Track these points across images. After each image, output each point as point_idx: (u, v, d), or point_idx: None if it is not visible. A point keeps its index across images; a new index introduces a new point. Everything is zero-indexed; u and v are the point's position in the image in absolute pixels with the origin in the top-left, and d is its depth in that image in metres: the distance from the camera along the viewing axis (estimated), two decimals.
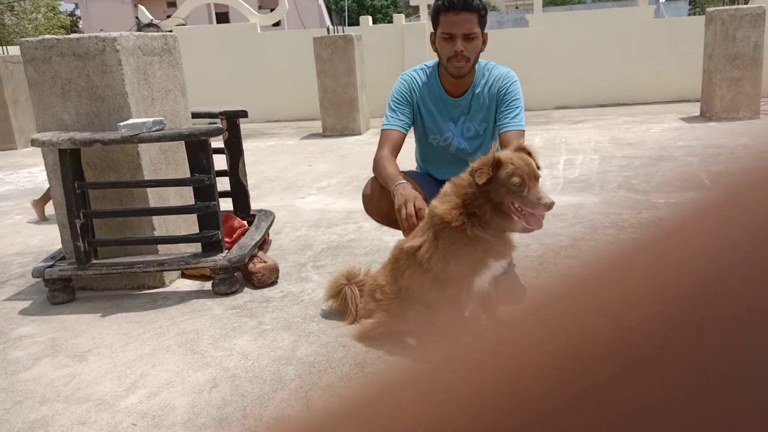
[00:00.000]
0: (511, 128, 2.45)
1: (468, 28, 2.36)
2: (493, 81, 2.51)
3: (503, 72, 2.53)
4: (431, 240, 1.97)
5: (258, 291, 2.71)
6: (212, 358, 2.15)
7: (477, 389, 0.17)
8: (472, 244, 1.93)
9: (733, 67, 6.39)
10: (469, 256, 1.94)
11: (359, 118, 7.28)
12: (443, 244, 1.95)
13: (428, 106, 2.53)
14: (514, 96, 2.49)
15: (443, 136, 2.55)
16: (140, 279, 2.83)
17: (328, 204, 4.18)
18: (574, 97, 8.44)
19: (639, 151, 5.23)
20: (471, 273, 1.97)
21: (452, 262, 1.94)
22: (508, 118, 2.46)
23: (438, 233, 1.96)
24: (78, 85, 2.70)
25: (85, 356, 2.23)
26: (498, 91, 2.49)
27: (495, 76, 2.52)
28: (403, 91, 2.53)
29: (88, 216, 2.67)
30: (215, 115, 3.32)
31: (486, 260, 1.96)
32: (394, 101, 2.54)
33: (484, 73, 2.53)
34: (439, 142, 2.56)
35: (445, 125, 2.55)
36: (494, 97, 2.49)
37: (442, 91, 2.53)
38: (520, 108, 2.50)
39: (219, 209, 2.74)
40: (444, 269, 1.96)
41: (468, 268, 1.96)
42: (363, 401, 0.19)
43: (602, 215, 3.47)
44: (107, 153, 2.74)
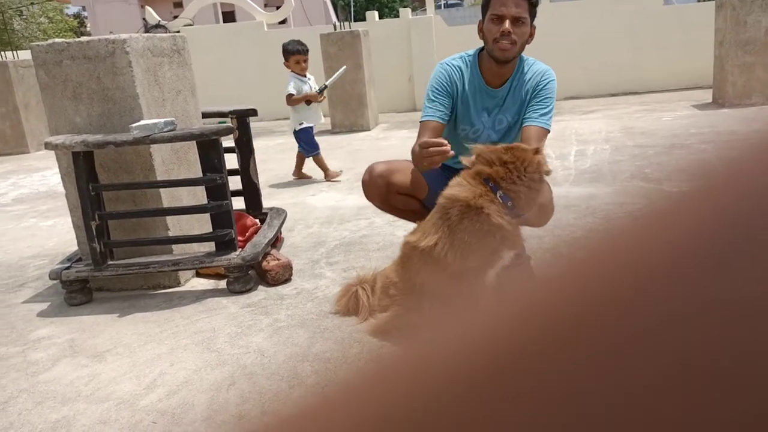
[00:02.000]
0: (534, 124, 2.42)
1: (518, 11, 2.33)
2: (531, 75, 2.47)
3: (543, 68, 2.50)
4: (447, 235, 1.96)
5: (272, 288, 2.72)
6: (229, 355, 2.17)
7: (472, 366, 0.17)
8: (491, 235, 1.93)
9: (744, 52, 6.32)
10: (486, 247, 1.94)
11: (368, 114, 7.28)
12: (460, 238, 1.94)
13: (465, 95, 2.49)
14: (547, 94, 2.46)
15: (474, 128, 2.52)
16: (156, 279, 2.85)
17: (339, 200, 4.18)
18: (584, 87, 8.39)
19: (651, 139, 5.19)
20: (486, 265, 1.97)
21: (471, 256, 1.94)
22: (536, 114, 2.44)
23: (454, 227, 1.95)
24: (89, 87, 2.71)
25: (104, 356, 2.26)
26: (535, 86, 2.46)
27: (534, 71, 2.48)
28: (443, 80, 2.48)
29: (103, 217, 2.69)
30: (225, 114, 3.33)
31: (500, 251, 1.96)
32: (433, 91, 2.49)
33: (524, 67, 2.50)
34: (468, 134, 2.52)
35: (477, 117, 2.52)
36: (530, 92, 2.46)
37: (481, 81, 2.49)
38: (551, 108, 2.47)
39: (231, 208, 2.75)
40: (462, 264, 1.95)
41: (484, 260, 1.96)
42: (360, 381, 0.19)
43: (615, 205, 3.45)
44: (120, 155, 2.76)
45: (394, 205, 2.58)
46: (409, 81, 8.81)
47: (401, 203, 2.57)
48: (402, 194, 2.55)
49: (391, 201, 2.56)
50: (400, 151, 4.81)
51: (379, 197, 2.55)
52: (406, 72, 8.81)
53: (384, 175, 2.51)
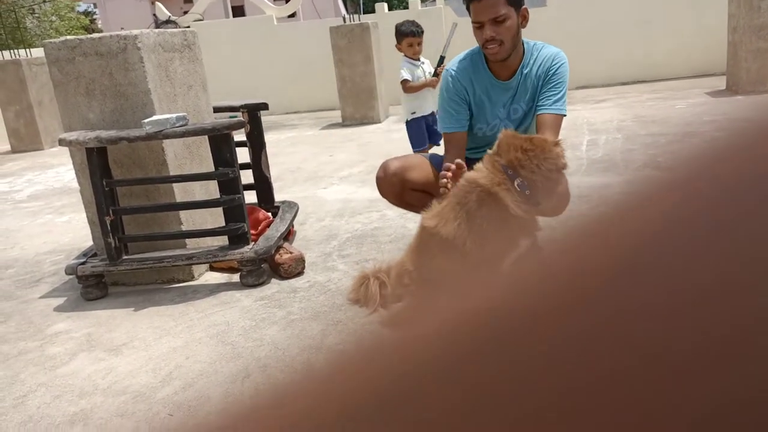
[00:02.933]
0: (549, 112, 2.40)
1: (493, 12, 2.31)
2: (542, 61, 2.45)
3: (553, 52, 2.48)
4: (465, 222, 1.95)
5: (285, 281, 2.74)
6: (243, 348, 2.18)
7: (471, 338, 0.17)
8: (505, 224, 1.93)
9: (758, 38, 6.22)
10: (503, 235, 1.93)
11: (378, 107, 7.27)
12: (479, 225, 1.94)
13: (478, 97, 2.48)
14: (559, 78, 2.44)
15: (490, 125, 2.51)
16: (170, 273, 2.87)
17: (351, 193, 4.19)
18: (595, 76, 8.32)
19: (664, 128, 5.14)
20: (503, 254, 1.97)
21: (488, 243, 1.94)
22: (550, 101, 2.42)
23: (472, 213, 1.94)
24: (102, 83, 2.73)
25: (121, 350, 2.28)
26: (546, 71, 2.44)
27: (544, 56, 2.46)
28: (452, 89, 2.48)
29: (117, 213, 2.72)
30: (236, 108, 3.34)
31: (517, 239, 1.96)
32: (445, 101, 2.49)
33: (533, 53, 2.48)
34: (485, 132, 2.51)
35: (493, 113, 2.51)
36: (541, 77, 2.44)
37: (491, 77, 2.47)
38: (564, 92, 2.45)
39: (244, 202, 2.77)
40: (480, 252, 1.94)
41: (501, 249, 1.96)
42: (357, 356, 0.19)
43: None
44: (133, 150, 2.78)
45: (409, 202, 2.57)
46: None
47: (416, 200, 2.56)
48: (417, 191, 2.54)
49: (406, 198, 2.55)
50: None
51: (393, 195, 2.55)
52: None
53: (398, 173, 2.51)
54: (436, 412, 0.15)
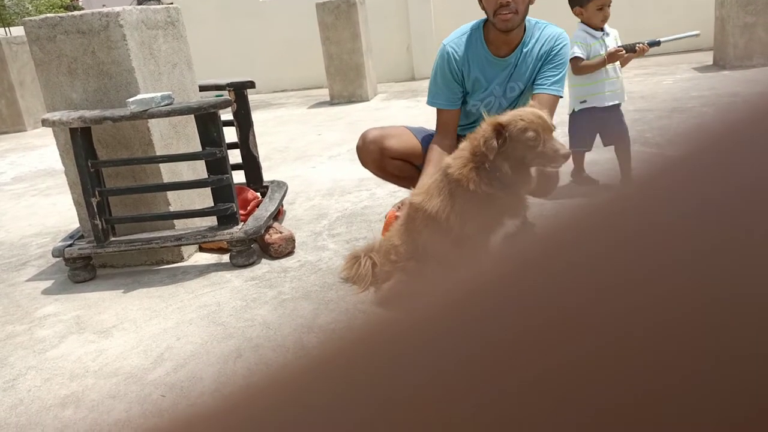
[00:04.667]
0: (546, 92, 2.37)
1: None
2: (544, 41, 2.42)
3: (556, 32, 2.44)
4: (447, 199, 1.96)
5: (275, 261, 2.73)
6: (235, 329, 2.18)
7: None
8: (487, 203, 1.93)
9: (745, 13, 6.22)
10: (483, 215, 1.94)
11: (366, 84, 7.21)
12: (459, 203, 1.94)
13: (473, 72, 2.45)
14: (560, 59, 2.41)
15: (485, 101, 2.49)
16: (159, 254, 2.85)
17: (340, 172, 4.17)
18: None
19: (652, 103, 5.14)
20: (486, 231, 1.97)
21: (469, 222, 1.94)
22: (548, 81, 2.39)
23: (453, 192, 1.95)
24: (84, 62, 2.68)
25: (111, 332, 2.27)
26: (548, 51, 2.40)
27: (546, 35, 2.43)
28: (445, 68, 2.45)
29: (103, 194, 2.68)
30: (222, 87, 3.30)
31: (500, 218, 1.96)
32: (438, 76, 2.48)
33: (534, 32, 2.44)
34: (479, 108, 2.50)
35: (489, 90, 2.49)
36: (543, 57, 2.41)
37: (488, 54, 2.44)
38: (563, 73, 2.42)
39: (232, 182, 2.74)
40: (462, 229, 1.95)
41: (484, 227, 1.96)
42: (354, 342, 0.19)
43: (617, 171, 3.43)
44: (118, 130, 2.74)
45: (389, 170, 2.58)
46: (407, 50, 8.71)
47: (396, 169, 2.56)
48: (396, 159, 2.55)
49: (387, 167, 2.56)
50: (400, 121, 4.77)
51: (373, 163, 2.55)
52: (405, 41, 8.70)
53: (377, 141, 2.52)
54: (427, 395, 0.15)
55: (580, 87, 3.10)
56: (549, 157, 1.88)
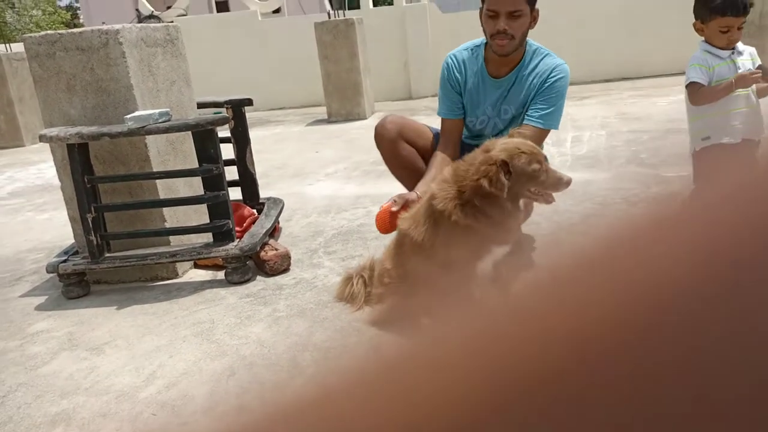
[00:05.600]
0: (531, 123, 2.36)
1: (513, 5, 2.28)
2: (541, 70, 2.42)
3: (553, 64, 2.43)
4: (432, 228, 1.96)
5: (271, 278, 2.72)
6: (228, 346, 2.17)
7: (477, 365, 0.17)
8: (472, 233, 1.92)
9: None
10: (468, 243, 1.93)
11: (364, 103, 7.25)
12: (444, 232, 1.94)
13: (469, 88, 2.49)
14: (553, 92, 2.39)
15: (479, 119, 2.51)
16: (154, 271, 2.84)
17: (337, 189, 4.17)
18: (578, 73, 8.34)
19: (646, 125, 5.18)
20: (473, 258, 1.97)
21: (454, 249, 1.94)
22: (537, 114, 2.38)
23: (438, 221, 1.95)
24: (83, 79, 2.69)
25: (103, 349, 2.26)
26: (542, 82, 2.40)
27: (545, 65, 2.43)
28: (446, 76, 2.51)
29: (99, 210, 2.68)
30: (220, 104, 3.31)
31: (487, 247, 1.96)
32: (441, 87, 2.54)
33: (534, 58, 2.44)
34: (476, 124, 2.52)
35: (482, 108, 2.51)
36: (536, 87, 2.41)
37: (484, 73, 2.46)
38: (556, 107, 2.39)
39: (228, 198, 2.74)
40: (447, 255, 1.95)
41: (469, 254, 1.96)
42: (366, 376, 0.19)
43: (612, 191, 3.45)
44: (115, 146, 2.75)
45: (402, 155, 2.56)
46: (405, 69, 8.78)
47: (408, 156, 2.56)
48: (411, 145, 2.57)
49: (400, 150, 2.56)
50: None
51: (389, 143, 2.54)
52: (402, 61, 8.77)
53: (397, 122, 2.57)
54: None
55: (701, 119, 2.46)
56: (553, 185, 1.88)
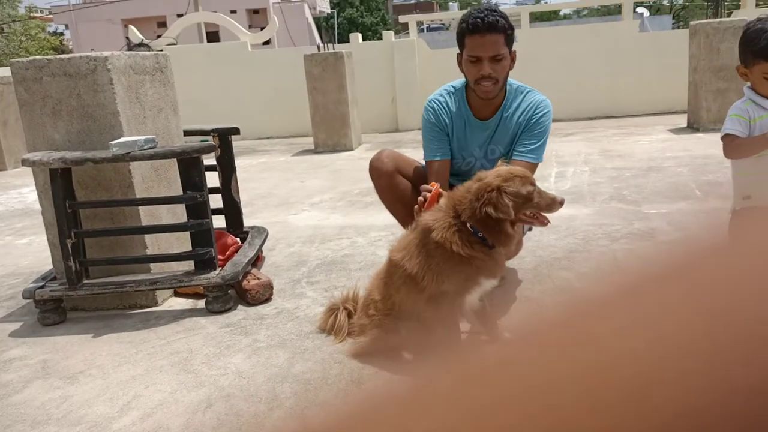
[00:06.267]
0: (522, 159, 2.40)
1: (494, 49, 2.31)
2: (525, 107, 2.46)
3: (537, 100, 2.47)
4: (425, 259, 1.96)
5: (252, 308, 2.69)
6: (206, 377, 2.13)
7: (473, 410, 0.16)
8: (464, 264, 1.93)
9: (718, 78, 6.47)
10: (461, 274, 1.93)
11: (351, 134, 7.30)
12: (436, 264, 1.94)
13: (456, 130, 2.51)
14: (540, 126, 2.44)
15: (466, 160, 2.53)
16: (132, 298, 2.80)
17: (322, 220, 4.17)
18: (563, 110, 8.51)
19: (629, 162, 5.27)
20: (463, 291, 1.96)
21: (446, 281, 1.94)
22: (526, 149, 2.42)
23: (431, 252, 1.95)
24: (69, 104, 2.69)
25: (77, 378, 2.20)
26: (528, 119, 2.44)
27: (529, 102, 2.46)
28: (433, 119, 2.51)
29: (79, 235, 2.65)
30: (207, 132, 3.32)
31: (477, 279, 1.96)
32: (428, 130, 2.52)
33: (517, 96, 2.48)
34: (461, 166, 2.53)
35: (469, 150, 2.53)
36: (522, 124, 2.45)
37: (469, 115, 2.49)
38: (543, 141, 2.45)
39: (212, 226, 2.72)
40: (438, 288, 1.95)
41: (460, 287, 1.95)
42: (358, 417, 0.18)
43: (595, 226, 3.48)
44: (99, 172, 2.73)
45: (400, 188, 2.57)
46: (392, 102, 8.88)
47: (405, 190, 2.56)
48: (406, 179, 2.58)
49: (398, 184, 2.57)
50: None
51: (387, 176, 2.55)
52: (389, 93, 8.87)
53: (393, 157, 2.59)
54: None
55: (743, 176, 2.22)
56: (547, 206, 1.90)
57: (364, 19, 39.24)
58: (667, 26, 23.24)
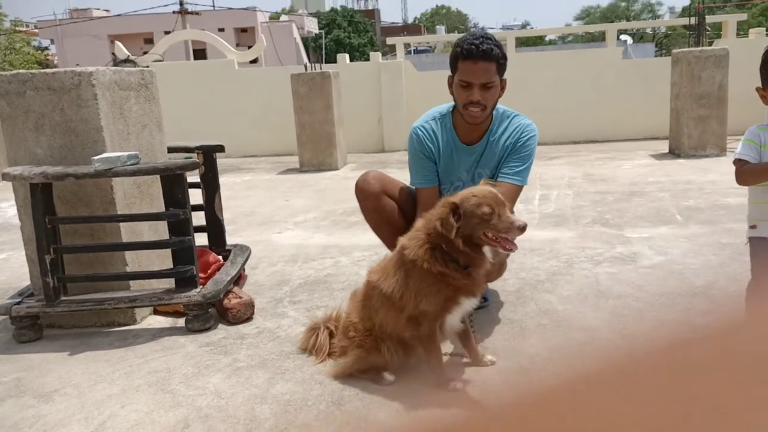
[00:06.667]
0: (508, 181, 2.42)
1: (486, 77, 2.33)
2: (512, 131, 2.48)
3: (523, 124, 2.50)
4: (402, 278, 1.96)
5: (233, 327, 2.66)
6: (184, 397, 2.09)
7: None
8: (442, 282, 1.92)
9: (699, 106, 6.59)
10: (439, 293, 1.93)
11: (336, 154, 7.32)
12: (414, 283, 1.94)
13: (443, 156, 2.52)
14: (525, 150, 2.47)
15: (453, 185, 2.54)
16: (111, 316, 2.76)
17: (305, 239, 4.15)
18: (548, 134, 8.61)
19: (611, 186, 5.32)
20: (442, 311, 1.96)
21: (423, 300, 1.93)
22: (512, 171, 2.45)
23: (409, 271, 1.95)
24: (52, 119, 2.67)
25: (52, 396, 2.15)
26: (514, 142, 2.47)
27: (515, 126, 2.49)
28: (419, 147, 2.52)
29: (58, 251, 2.61)
30: (192, 149, 3.30)
31: (456, 298, 1.95)
32: (414, 158, 2.53)
33: (503, 121, 2.50)
34: (449, 190, 2.54)
35: (456, 174, 2.54)
36: (509, 148, 2.47)
37: (456, 140, 2.50)
38: (528, 164, 2.48)
39: (194, 244, 2.70)
40: (416, 307, 1.94)
41: (439, 306, 1.95)
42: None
43: (577, 249, 3.50)
44: (80, 187, 2.70)
45: (387, 209, 2.56)
46: (378, 123, 8.92)
47: (391, 211, 2.56)
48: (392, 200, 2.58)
49: (385, 205, 2.56)
50: None
51: (374, 198, 2.54)
52: (376, 114, 8.92)
53: (379, 178, 2.59)
54: None
55: (752, 204, 2.14)
56: (505, 229, 1.86)
57: (352, 41, 39.59)
58: (650, 54, 23.71)
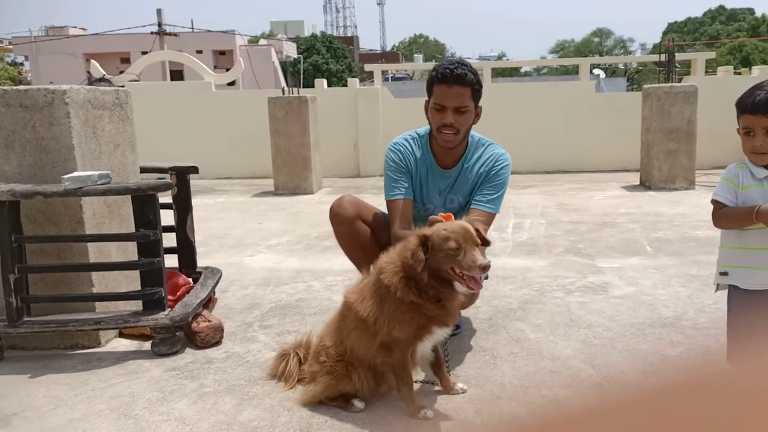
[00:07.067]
0: (480, 208, 2.43)
1: (459, 101, 2.36)
2: (486, 159, 2.51)
3: (497, 153, 2.53)
4: (378, 303, 1.95)
5: (201, 351, 2.61)
6: (147, 423, 2.03)
7: None
8: (416, 311, 1.92)
9: (669, 140, 6.76)
10: (412, 321, 1.92)
11: (312, 178, 7.31)
12: (388, 308, 1.93)
13: (419, 174, 2.53)
14: (499, 178, 2.49)
15: (425, 206, 2.54)
16: (74, 338, 2.69)
17: (278, 262, 4.12)
18: (522, 163, 8.71)
19: (584, 216, 5.40)
20: (414, 339, 1.95)
21: (396, 327, 1.92)
22: (485, 199, 2.46)
23: (384, 296, 1.94)
24: (23, 136, 2.63)
25: (10, 420, 2.08)
26: (488, 171, 2.49)
27: (489, 154, 2.52)
28: (398, 160, 2.52)
29: (23, 270, 2.55)
30: (165, 170, 3.27)
31: (429, 327, 1.95)
32: (392, 170, 2.51)
33: (478, 148, 2.53)
34: (421, 211, 2.55)
35: (429, 197, 2.55)
36: (482, 175, 2.49)
37: (432, 161, 2.52)
38: (501, 193, 2.50)
39: (164, 266, 2.66)
40: (389, 334, 1.93)
41: (411, 334, 1.94)
42: None
43: (550, 278, 3.53)
44: (48, 206, 2.65)
45: (361, 234, 2.55)
46: (354, 148, 8.96)
47: (366, 236, 2.55)
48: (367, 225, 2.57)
49: (359, 230, 2.55)
50: None
51: (348, 222, 2.53)
52: (352, 139, 8.96)
53: (354, 203, 2.59)
54: None
55: (725, 249, 1.95)
56: (467, 266, 1.85)
57: (331, 66, 39.93)
58: (622, 88, 24.31)
